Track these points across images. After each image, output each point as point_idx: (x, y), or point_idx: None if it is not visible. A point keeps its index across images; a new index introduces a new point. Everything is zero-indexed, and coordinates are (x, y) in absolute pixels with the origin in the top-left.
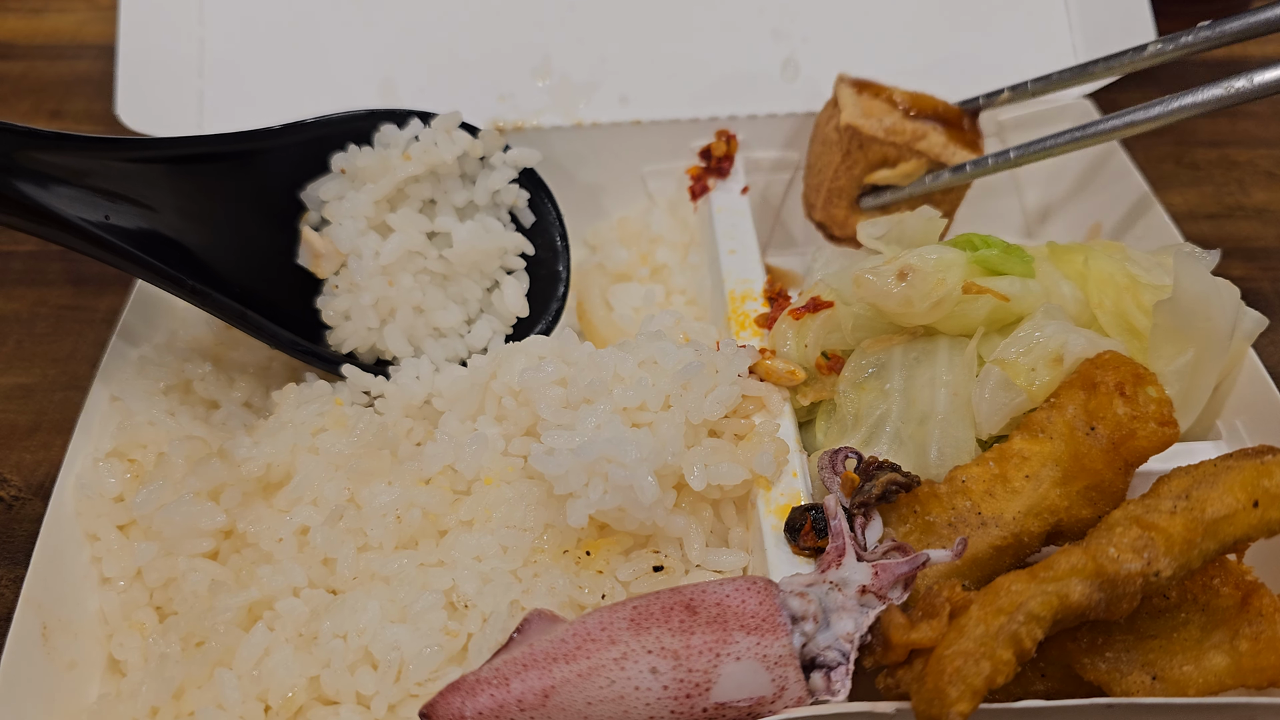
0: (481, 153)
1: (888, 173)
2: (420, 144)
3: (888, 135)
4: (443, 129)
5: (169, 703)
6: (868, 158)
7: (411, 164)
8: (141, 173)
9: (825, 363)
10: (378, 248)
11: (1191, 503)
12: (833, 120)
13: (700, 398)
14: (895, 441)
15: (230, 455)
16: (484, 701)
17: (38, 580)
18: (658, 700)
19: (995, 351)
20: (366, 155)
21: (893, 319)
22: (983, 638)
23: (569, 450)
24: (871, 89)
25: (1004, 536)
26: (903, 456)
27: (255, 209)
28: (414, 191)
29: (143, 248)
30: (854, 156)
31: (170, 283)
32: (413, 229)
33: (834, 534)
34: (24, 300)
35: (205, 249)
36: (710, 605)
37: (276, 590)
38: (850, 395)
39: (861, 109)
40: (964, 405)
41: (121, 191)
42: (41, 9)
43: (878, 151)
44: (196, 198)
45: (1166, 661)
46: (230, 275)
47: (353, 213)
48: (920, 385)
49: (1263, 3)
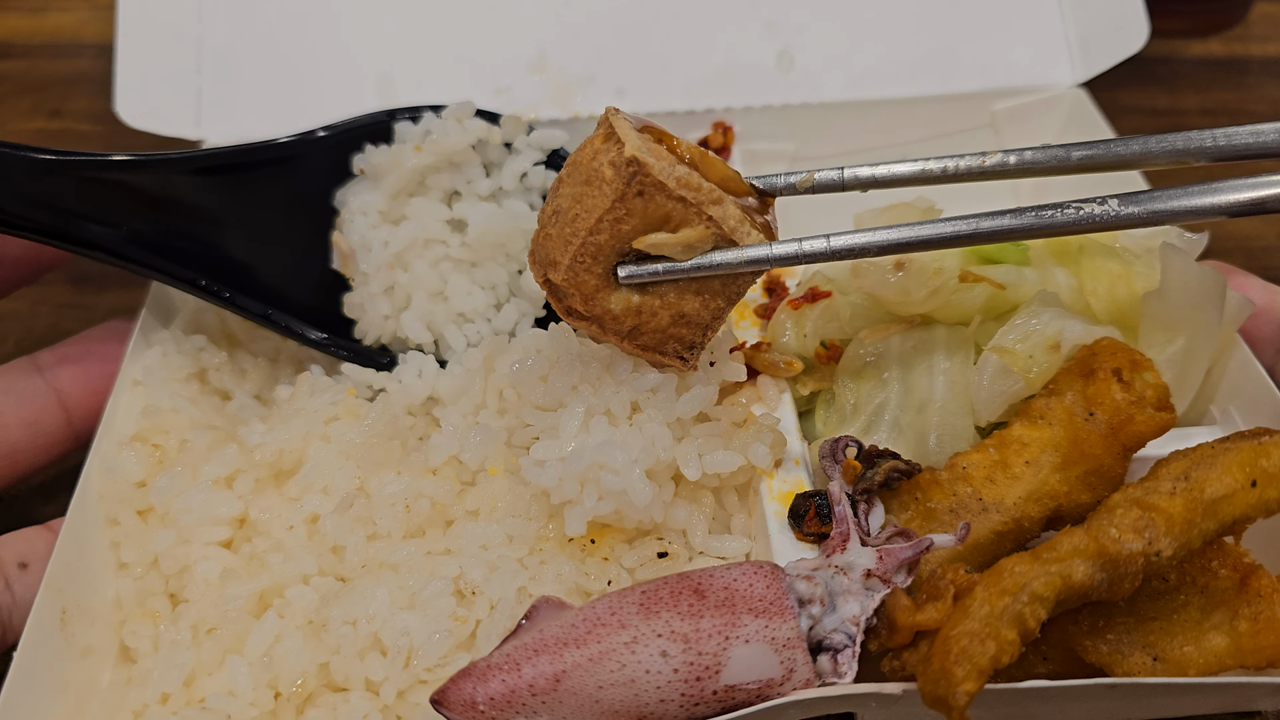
0: (504, 139)
1: (666, 238)
2: (432, 135)
3: (679, 187)
4: (454, 118)
5: (180, 689)
6: (646, 212)
7: (422, 154)
8: (165, 185)
9: (824, 352)
10: (388, 238)
11: (1191, 484)
12: (606, 154)
13: (670, 399)
14: (894, 429)
15: (244, 442)
16: (495, 687)
17: (60, 563)
18: (668, 683)
19: (993, 339)
20: (382, 153)
21: (890, 308)
22: (987, 618)
23: (558, 460)
24: (653, 132)
25: (1005, 522)
26: (902, 444)
27: (285, 215)
28: (435, 183)
29: (164, 256)
30: (629, 205)
31: (188, 285)
32: (429, 218)
33: (838, 520)
34: (24, 299)
35: (233, 254)
36: (718, 589)
37: (287, 578)
38: (849, 384)
39: (649, 148)
40: (962, 393)
41: (143, 205)
42: (42, 8)
43: (660, 207)
44: (225, 208)
45: (1167, 643)
46: (260, 279)
47: (364, 209)
48: (918, 374)
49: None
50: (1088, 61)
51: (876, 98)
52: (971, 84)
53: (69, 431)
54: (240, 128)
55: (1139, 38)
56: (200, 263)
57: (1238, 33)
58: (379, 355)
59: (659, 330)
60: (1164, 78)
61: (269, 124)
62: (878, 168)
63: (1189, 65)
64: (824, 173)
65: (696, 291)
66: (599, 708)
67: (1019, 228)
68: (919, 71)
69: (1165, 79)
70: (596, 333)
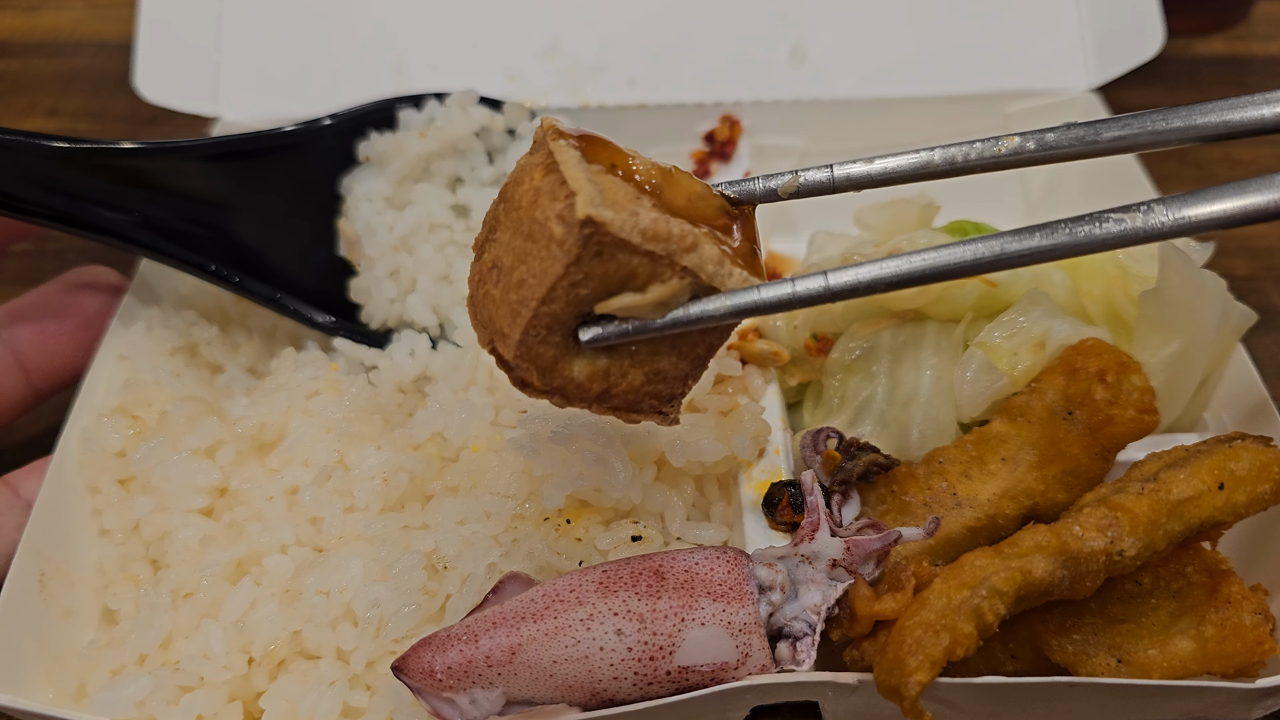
0: (506, 126)
1: (634, 300)
2: (436, 122)
3: (645, 241)
4: (457, 105)
5: (156, 651)
6: (607, 273)
7: (427, 140)
8: (176, 171)
9: (814, 344)
10: (393, 223)
11: (1158, 484)
12: (553, 205)
13: None
14: (879, 423)
15: (227, 414)
16: (453, 657)
17: (38, 528)
18: (622, 661)
19: (978, 336)
20: (386, 140)
21: (882, 303)
22: (944, 610)
23: (544, 433)
24: (601, 149)
25: (978, 518)
26: (886, 438)
27: (292, 202)
28: (439, 169)
29: (175, 241)
30: (587, 269)
31: (199, 270)
32: (433, 202)
33: (810, 509)
34: None
35: (241, 239)
36: (679, 572)
37: (265, 547)
38: (838, 376)
39: (602, 191)
40: (947, 389)
41: (154, 191)
42: (38, 6)
43: (624, 265)
44: (234, 194)
45: (1132, 645)
46: (268, 264)
47: (369, 194)
48: (906, 368)
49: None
50: (1102, 66)
51: (888, 96)
52: (985, 85)
53: (29, 390)
54: (257, 105)
55: (1154, 43)
56: (210, 248)
57: (1240, 32)
58: (384, 339)
59: (631, 390)
60: (1166, 76)
61: (285, 102)
62: (873, 164)
63: (1191, 64)
64: (810, 173)
65: (672, 345)
66: (553, 681)
67: (1052, 248)
68: (932, 71)
69: (1167, 78)
70: (559, 403)
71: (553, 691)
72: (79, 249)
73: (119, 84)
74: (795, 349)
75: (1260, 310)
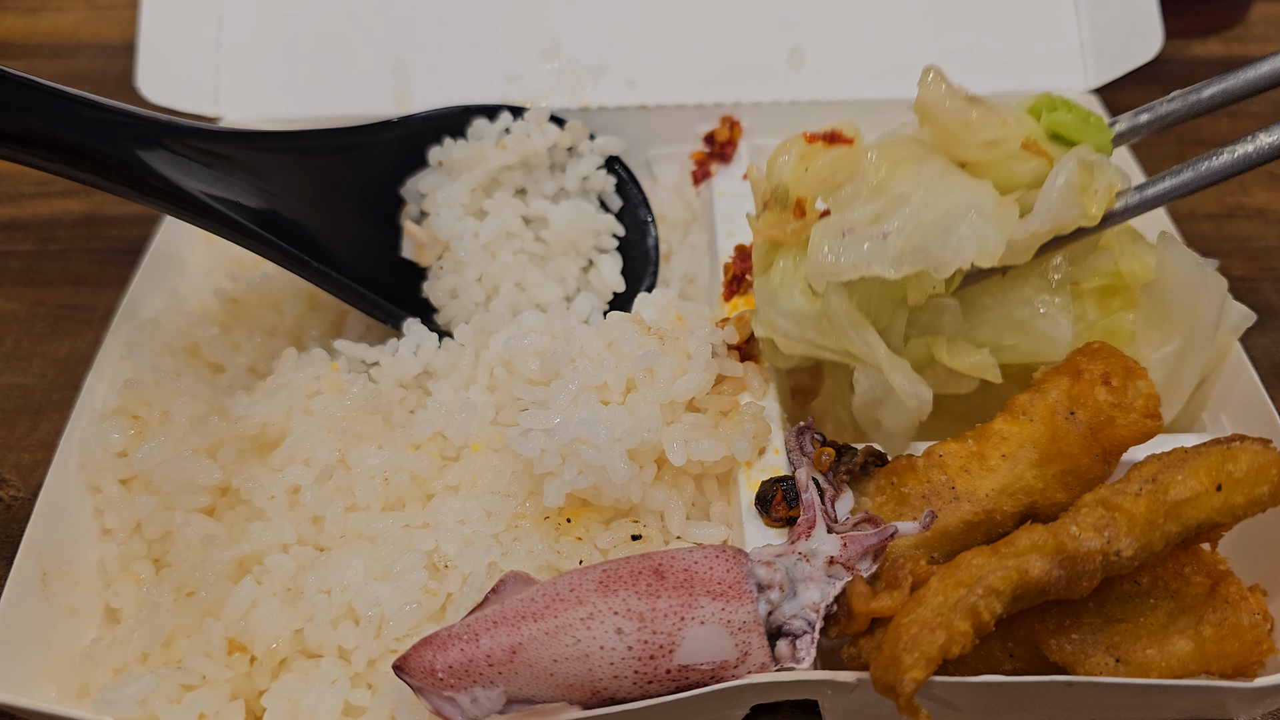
0: (570, 143)
1: None
2: (514, 135)
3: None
4: (535, 121)
5: (158, 650)
6: None
7: (506, 153)
8: (264, 160)
9: (801, 208)
10: (477, 229)
11: (1156, 485)
12: None
13: (668, 382)
14: (912, 225)
15: (228, 413)
16: (454, 656)
17: (39, 528)
18: (622, 660)
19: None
20: (461, 147)
21: (938, 142)
22: (940, 608)
23: (544, 431)
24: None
25: (976, 512)
26: (917, 239)
27: (357, 202)
28: (507, 180)
29: (268, 229)
30: None
31: (295, 263)
32: (509, 212)
33: (805, 506)
34: (22, 300)
35: (317, 234)
36: (678, 570)
37: (266, 546)
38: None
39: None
40: (1004, 203)
41: (249, 178)
42: (39, 8)
43: None
44: (308, 187)
45: (1131, 645)
46: (340, 260)
47: (449, 202)
48: (953, 177)
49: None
50: (1101, 67)
51: (887, 97)
52: (984, 86)
53: None
54: (257, 106)
55: (1153, 45)
56: (298, 239)
57: (1237, 33)
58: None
59: None
60: (1163, 78)
61: (285, 103)
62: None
63: (1188, 66)
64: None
65: None
66: (554, 680)
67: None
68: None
69: (1164, 79)
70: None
71: (553, 690)
72: (79, 249)
73: (120, 85)
74: (784, 199)
75: (1258, 311)
